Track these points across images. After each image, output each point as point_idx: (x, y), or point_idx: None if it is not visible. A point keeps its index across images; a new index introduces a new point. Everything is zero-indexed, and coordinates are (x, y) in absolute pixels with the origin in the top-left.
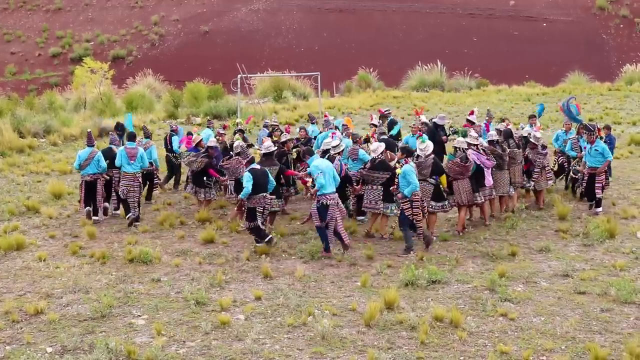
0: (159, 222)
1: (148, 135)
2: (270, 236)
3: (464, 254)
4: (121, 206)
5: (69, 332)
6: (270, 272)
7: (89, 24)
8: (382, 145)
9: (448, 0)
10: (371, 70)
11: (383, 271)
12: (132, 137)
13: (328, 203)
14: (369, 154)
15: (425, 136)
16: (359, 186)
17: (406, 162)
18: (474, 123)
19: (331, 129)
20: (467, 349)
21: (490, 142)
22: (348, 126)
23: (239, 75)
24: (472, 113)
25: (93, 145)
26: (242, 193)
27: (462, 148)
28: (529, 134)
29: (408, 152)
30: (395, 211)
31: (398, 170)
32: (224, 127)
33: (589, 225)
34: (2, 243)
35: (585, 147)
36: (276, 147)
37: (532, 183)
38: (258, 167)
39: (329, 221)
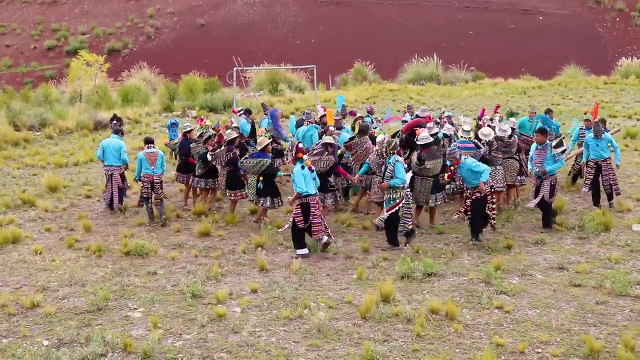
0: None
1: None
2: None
3: (460, 247)
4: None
5: (65, 325)
6: (266, 265)
7: (84, 16)
8: (492, 131)
9: None
10: (367, 63)
11: (379, 264)
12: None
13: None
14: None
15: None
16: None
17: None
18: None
19: (311, 122)
20: (463, 342)
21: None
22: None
23: (234, 68)
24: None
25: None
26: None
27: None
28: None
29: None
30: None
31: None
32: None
33: (584, 218)
34: None
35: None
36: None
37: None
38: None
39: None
